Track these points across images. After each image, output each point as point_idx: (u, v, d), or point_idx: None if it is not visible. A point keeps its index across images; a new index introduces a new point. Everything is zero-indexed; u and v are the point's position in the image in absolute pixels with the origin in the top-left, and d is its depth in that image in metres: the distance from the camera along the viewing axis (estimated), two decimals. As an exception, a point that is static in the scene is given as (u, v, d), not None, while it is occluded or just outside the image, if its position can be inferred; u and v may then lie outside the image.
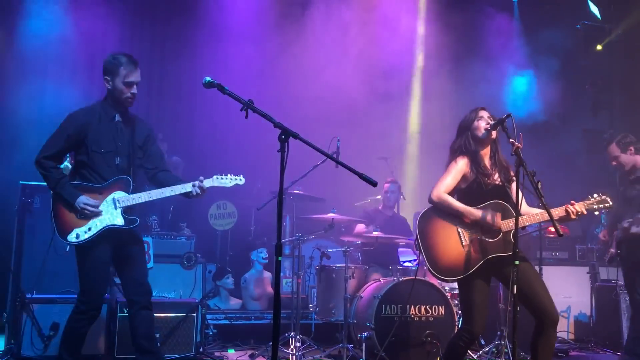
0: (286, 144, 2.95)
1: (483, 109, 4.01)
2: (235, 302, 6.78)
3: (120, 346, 5.05)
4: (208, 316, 5.73)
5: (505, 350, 5.20)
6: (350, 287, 5.39)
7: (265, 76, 7.59)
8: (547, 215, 3.60)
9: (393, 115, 8.03)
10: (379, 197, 6.78)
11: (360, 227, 6.30)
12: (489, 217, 3.77)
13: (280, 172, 2.93)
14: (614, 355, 6.09)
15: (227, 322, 6.22)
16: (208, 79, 3.26)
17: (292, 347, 5.20)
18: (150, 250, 5.77)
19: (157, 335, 4.92)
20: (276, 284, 2.87)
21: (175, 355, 4.97)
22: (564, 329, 6.59)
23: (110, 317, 5.13)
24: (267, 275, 6.92)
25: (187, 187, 3.86)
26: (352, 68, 7.69)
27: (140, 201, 3.88)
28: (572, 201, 3.80)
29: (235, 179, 4.03)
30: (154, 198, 3.91)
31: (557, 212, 3.77)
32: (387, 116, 7.90)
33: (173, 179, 4.01)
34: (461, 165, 3.89)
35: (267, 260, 6.93)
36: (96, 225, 3.77)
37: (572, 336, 6.63)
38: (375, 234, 5.64)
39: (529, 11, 8.35)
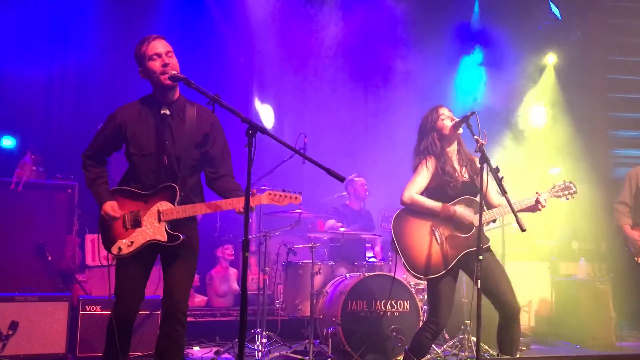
0: (254, 139, 2.92)
1: (442, 106, 4.07)
2: (200, 299, 6.71)
3: (83, 345, 4.97)
4: (172, 313, 5.65)
5: (469, 344, 5.29)
6: (316, 283, 5.40)
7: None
8: (516, 208, 3.71)
9: (359, 111, 8.05)
10: (344, 193, 6.79)
11: (330, 223, 6.31)
12: (462, 212, 3.83)
13: (247, 167, 2.89)
14: (572, 347, 6.25)
15: (192, 319, 6.16)
16: (173, 72, 3.21)
17: (258, 343, 5.18)
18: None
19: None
20: (243, 279, 2.84)
21: (139, 353, 4.90)
22: (525, 323, 6.72)
23: (71, 315, 5.03)
24: (233, 271, 6.87)
25: (234, 204, 3.21)
26: (319, 65, 7.69)
27: (185, 215, 3.27)
28: (537, 192, 3.90)
29: (291, 197, 3.30)
30: (199, 213, 3.30)
31: (525, 202, 3.87)
32: (353, 113, 7.93)
33: (230, 189, 3.36)
34: (430, 165, 3.93)
35: (233, 257, 6.88)
36: (138, 239, 3.27)
37: (533, 330, 6.77)
38: (341, 230, 5.67)
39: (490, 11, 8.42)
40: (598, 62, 8.19)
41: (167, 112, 3.34)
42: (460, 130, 3.96)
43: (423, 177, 3.92)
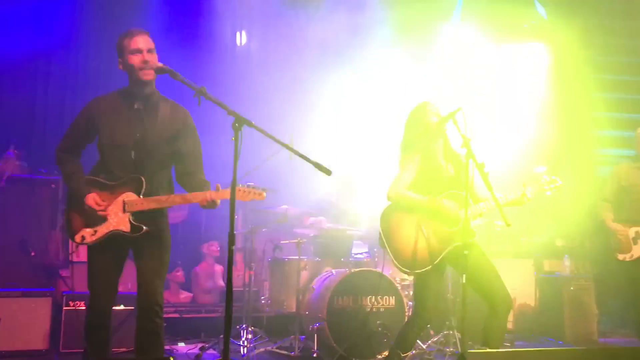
0: (240, 132, 2.91)
1: (428, 102, 4.09)
2: (185, 296, 6.68)
3: (66, 340, 4.94)
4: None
5: (454, 340, 5.32)
6: (302, 279, 5.40)
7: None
8: (502, 202, 3.73)
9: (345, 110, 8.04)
10: (332, 191, 6.78)
11: (316, 220, 6.29)
12: (448, 204, 3.84)
13: (233, 160, 2.89)
14: (555, 344, 6.31)
15: (176, 315, 6.13)
16: (159, 64, 3.20)
17: (243, 339, 5.17)
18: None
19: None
20: (229, 272, 2.83)
21: (124, 349, 4.87)
22: (509, 320, 6.75)
23: (55, 310, 4.99)
24: (219, 268, 6.85)
25: (197, 197, 3.29)
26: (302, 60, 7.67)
27: (149, 207, 3.32)
28: (524, 183, 3.92)
29: (256, 194, 3.29)
30: (164, 206, 3.38)
31: (511, 195, 3.89)
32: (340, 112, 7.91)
33: (199, 185, 3.39)
34: (415, 161, 3.95)
35: (218, 254, 6.86)
36: (101, 229, 3.32)
37: (516, 327, 6.82)
38: (327, 225, 5.66)
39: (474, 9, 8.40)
40: (584, 61, 8.25)
41: (141, 106, 3.40)
42: (446, 127, 3.98)
43: (408, 172, 3.95)
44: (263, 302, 5.88)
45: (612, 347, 4.99)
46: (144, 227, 3.33)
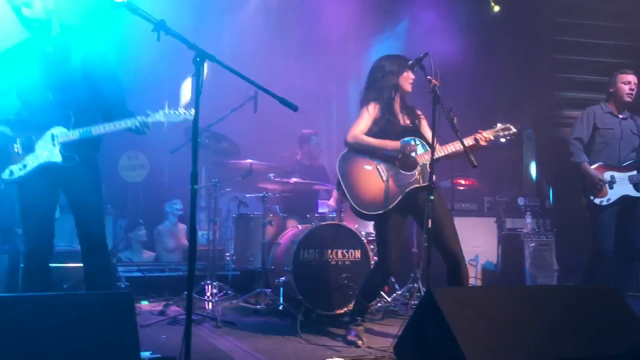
0: (202, 68, 2.81)
1: (393, 55, 4.12)
2: (148, 255, 6.58)
3: (24, 298, 4.79)
4: (120, 268, 5.56)
5: (418, 294, 5.36)
6: (268, 235, 5.35)
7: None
8: (458, 145, 3.73)
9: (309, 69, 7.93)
10: (298, 152, 6.71)
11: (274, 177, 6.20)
12: (405, 146, 3.87)
13: (195, 97, 2.80)
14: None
15: (139, 274, 6.04)
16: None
17: (208, 294, 5.10)
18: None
19: (65, 287, 4.75)
20: (192, 212, 2.74)
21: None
22: (472, 276, 6.87)
23: (11, 268, 4.84)
24: (182, 227, 6.75)
25: (128, 123, 3.41)
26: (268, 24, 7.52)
27: (80, 137, 3.40)
28: (480, 130, 3.95)
29: (185, 113, 3.49)
30: (96, 134, 3.43)
31: (467, 142, 3.88)
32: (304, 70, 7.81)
33: (125, 115, 3.48)
34: (372, 109, 4.00)
35: (181, 212, 6.75)
36: (31, 163, 3.37)
37: (480, 283, 6.94)
38: (293, 180, 5.60)
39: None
40: (544, 22, 8.29)
41: (52, 49, 3.45)
42: (412, 74, 3.99)
43: (365, 120, 3.99)
44: (228, 258, 5.81)
45: (577, 285, 5.05)
46: (77, 157, 3.39)
